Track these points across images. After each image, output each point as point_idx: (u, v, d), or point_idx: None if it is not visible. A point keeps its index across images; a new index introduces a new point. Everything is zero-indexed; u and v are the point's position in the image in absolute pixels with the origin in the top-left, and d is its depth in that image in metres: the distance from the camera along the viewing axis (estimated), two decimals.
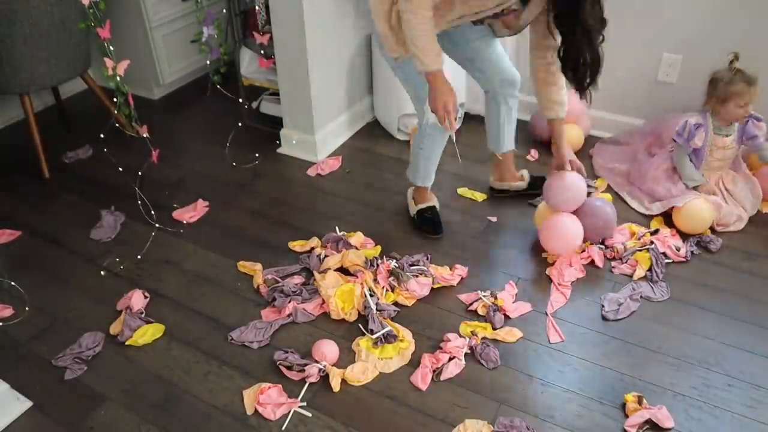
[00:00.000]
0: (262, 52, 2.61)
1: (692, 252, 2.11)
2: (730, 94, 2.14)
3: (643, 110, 2.69)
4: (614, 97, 2.72)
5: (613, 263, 2.07)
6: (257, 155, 2.72)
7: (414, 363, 1.75)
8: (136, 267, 2.14)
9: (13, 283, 2.03)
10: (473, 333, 1.83)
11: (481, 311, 1.90)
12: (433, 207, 2.28)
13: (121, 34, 2.98)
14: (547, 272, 2.04)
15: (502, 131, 2.26)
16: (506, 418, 1.58)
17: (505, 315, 1.89)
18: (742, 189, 2.27)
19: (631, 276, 2.02)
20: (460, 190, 2.45)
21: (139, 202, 2.21)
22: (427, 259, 2.09)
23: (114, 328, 1.89)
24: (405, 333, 1.83)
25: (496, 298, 1.92)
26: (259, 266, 2.10)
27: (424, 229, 2.24)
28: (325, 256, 2.11)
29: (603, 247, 2.12)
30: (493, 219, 2.30)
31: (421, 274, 2.01)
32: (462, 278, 2.03)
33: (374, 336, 1.80)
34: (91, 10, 1.96)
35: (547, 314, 1.90)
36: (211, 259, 2.17)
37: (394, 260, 2.06)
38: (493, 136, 2.29)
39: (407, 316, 1.91)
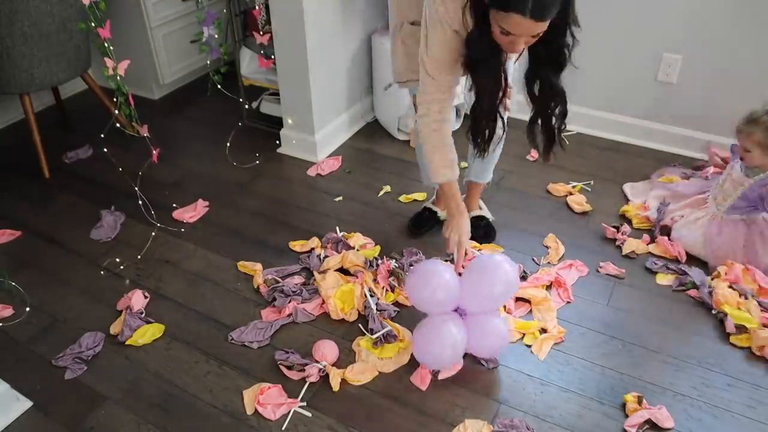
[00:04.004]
0: (262, 52, 2.61)
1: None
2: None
3: (643, 110, 2.70)
4: (614, 97, 2.72)
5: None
6: (257, 155, 2.72)
7: (414, 363, 1.75)
8: (136, 267, 2.14)
9: (13, 283, 2.03)
10: None
11: None
12: (435, 212, 2.26)
13: (121, 34, 2.98)
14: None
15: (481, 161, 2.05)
16: (506, 418, 1.58)
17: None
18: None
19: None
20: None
21: (140, 202, 2.21)
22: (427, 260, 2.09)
23: (114, 328, 1.89)
24: (405, 333, 1.83)
25: None
26: (259, 266, 2.10)
27: (409, 222, 2.26)
28: (325, 256, 2.11)
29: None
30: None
31: None
32: None
33: (374, 336, 1.80)
34: (91, 10, 1.96)
35: None
36: (211, 259, 2.17)
37: (395, 260, 2.06)
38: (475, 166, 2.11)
39: (407, 316, 1.91)
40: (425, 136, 1.72)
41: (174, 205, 2.42)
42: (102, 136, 2.12)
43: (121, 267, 2.14)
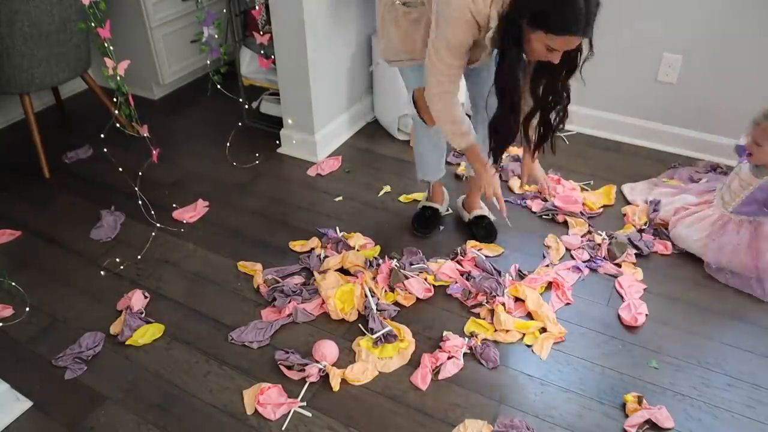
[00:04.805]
0: (262, 52, 2.61)
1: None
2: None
3: (643, 110, 2.70)
4: (614, 97, 2.72)
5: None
6: (257, 155, 2.72)
7: (414, 363, 1.75)
8: (136, 267, 2.14)
9: (13, 283, 2.03)
10: (473, 334, 1.83)
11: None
12: (436, 209, 2.28)
13: (121, 34, 2.98)
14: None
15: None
16: (506, 418, 1.58)
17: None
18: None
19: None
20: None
21: (139, 202, 2.21)
22: (427, 259, 2.09)
23: (114, 328, 1.89)
24: (405, 333, 1.83)
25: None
26: (259, 266, 2.10)
27: (413, 224, 2.26)
28: (325, 256, 2.11)
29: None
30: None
31: (422, 272, 2.01)
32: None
33: (374, 336, 1.80)
34: (91, 10, 1.96)
35: None
36: (211, 259, 2.17)
37: (395, 260, 2.06)
38: None
39: (407, 316, 1.91)
40: (444, 112, 1.74)
41: (174, 205, 2.42)
42: (102, 136, 2.12)
43: (121, 267, 2.14)
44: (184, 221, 2.35)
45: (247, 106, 2.84)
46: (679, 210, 2.19)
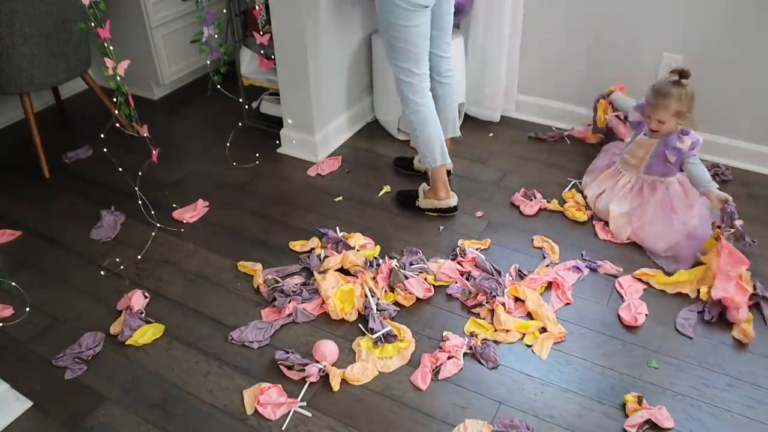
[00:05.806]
0: (262, 52, 2.61)
1: None
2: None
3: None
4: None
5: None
6: (257, 155, 2.72)
7: (414, 363, 1.75)
8: (136, 267, 2.14)
9: (13, 283, 2.03)
10: (473, 334, 1.83)
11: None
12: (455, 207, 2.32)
13: (121, 34, 2.98)
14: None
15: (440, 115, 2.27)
16: (506, 417, 1.58)
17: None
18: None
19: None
20: None
21: (139, 202, 2.21)
22: (427, 259, 2.09)
23: (114, 328, 1.89)
24: (405, 333, 1.83)
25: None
26: (259, 266, 2.10)
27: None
28: (326, 256, 2.11)
29: None
30: (479, 214, 2.32)
31: (422, 272, 2.01)
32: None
33: (374, 336, 1.80)
34: (91, 10, 1.96)
35: None
36: (211, 259, 2.17)
37: (395, 260, 2.06)
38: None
39: (407, 316, 1.91)
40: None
41: (174, 205, 2.42)
42: (102, 136, 2.12)
43: (121, 267, 2.14)
44: (184, 221, 2.35)
45: (247, 106, 2.84)
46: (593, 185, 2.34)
